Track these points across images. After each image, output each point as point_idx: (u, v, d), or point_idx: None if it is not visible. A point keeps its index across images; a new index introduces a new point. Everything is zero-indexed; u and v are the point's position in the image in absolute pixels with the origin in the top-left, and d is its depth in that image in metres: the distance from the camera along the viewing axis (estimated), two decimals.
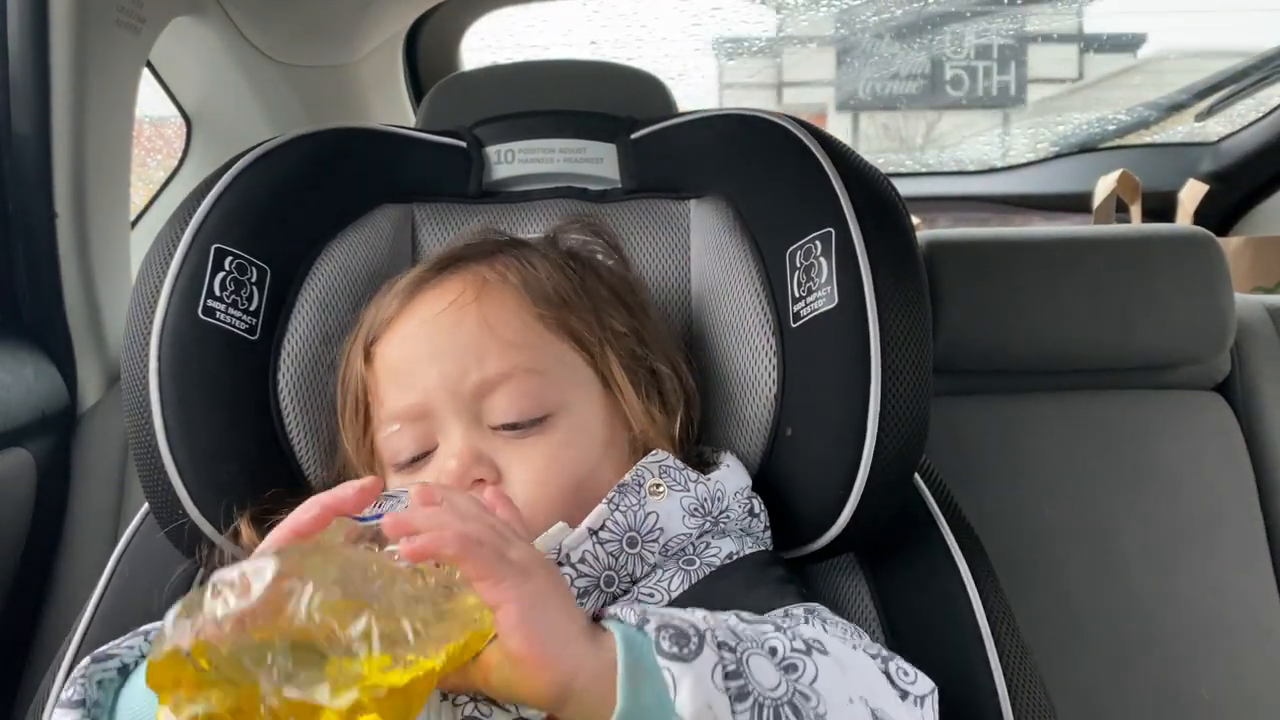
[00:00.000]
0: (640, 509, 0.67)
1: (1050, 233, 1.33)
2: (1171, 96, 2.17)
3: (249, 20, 1.51)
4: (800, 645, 0.56)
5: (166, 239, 0.79)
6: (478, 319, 0.72)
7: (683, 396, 0.77)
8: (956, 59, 2.75)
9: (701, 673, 0.51)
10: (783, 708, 0.52)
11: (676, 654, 0.51)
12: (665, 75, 1.11)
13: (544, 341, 0.73)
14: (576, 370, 0.74)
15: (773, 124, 0.84)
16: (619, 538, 0.66)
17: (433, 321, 0.73)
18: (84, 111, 1.21)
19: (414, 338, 0.73)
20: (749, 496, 0.74)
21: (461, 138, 0.92)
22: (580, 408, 0.72)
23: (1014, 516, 1.25)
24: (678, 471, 0.70)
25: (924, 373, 0.74)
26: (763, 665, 0.53)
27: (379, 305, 0.77)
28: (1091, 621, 1.23)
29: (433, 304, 0.74)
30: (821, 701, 0.53)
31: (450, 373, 0.70)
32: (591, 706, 0.51)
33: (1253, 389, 1.30)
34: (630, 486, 0.68)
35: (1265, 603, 1.24)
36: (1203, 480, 1.28)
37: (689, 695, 0.50)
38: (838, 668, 0.56)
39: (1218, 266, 1.27)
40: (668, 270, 0.88)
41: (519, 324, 0.73)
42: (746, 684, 0.52)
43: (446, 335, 0.72)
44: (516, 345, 0.72)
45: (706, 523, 0.69)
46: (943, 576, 0.78)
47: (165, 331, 0.76)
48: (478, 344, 0.71)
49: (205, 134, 1.64)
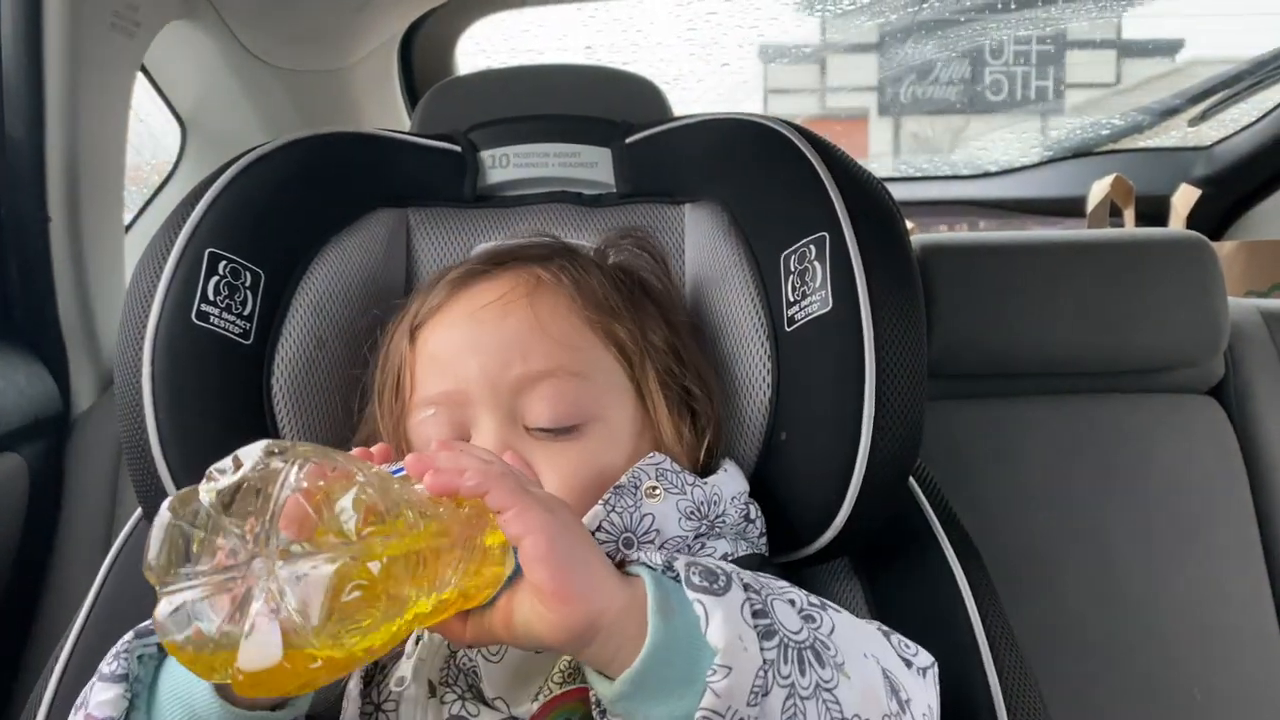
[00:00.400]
0: (636, 510, 0.67)
1: (1045, 237, 1.34)
2: (1165, 101, 2.18)
3: (244, 24, 1.51)
4: (815, 601, 0.57)
5: (160, 243, 0.79)
6: (527, 314, 0.72)
7: (712, 420, 0.77)
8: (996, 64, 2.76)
9: (732, 607, 0.52)
10: (805, 651, 0.53)
11: (706, 588, 0.52)
12: (660, 80, 1.11)
13: (589, 345, 0.73)
14: (615, 379, 0.74)
15: (767, 128, 0.84)
16: (615, 539, 0.66)
17: (481, 312, 0.72)
18: (78, 115, 1.21)
19: (459, 325, 0.73)
20: (746, 502, 0.74)
21: (456, 142, 0.92)
22: (614, 418, 0.72)
23: (1009, 519, 1.26)
24: (675, 475, 0.70)
25: (919, 376, 0.74)
26: (785, 610, 0.54)
27: (427, 292, 0.77)
28: (1086, 623, 1.24)
29: (483, 295, 0.74)
30: (839, 652, 0.54)
31: (492, 364, 0.70)
32: (616, 645, 0.51)
33: (1246, 392, 1.31)
34: (626, 488, 0.68)
35: (1259, 605, 1.25)
36: (1197, 483, 1.28)
37: (721, 626, 0.50)
38: (850, 625, 0.58)
39: (1211, 270, 1.27)
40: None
41: (567, 325, 0.73)
42: (773, 624, 0.53)
43: (493, 326, 0.72)
44: (562, 345, 0.71)
45: (703, 526, 0.69)
46: (938, 580, 0.78)
47: (159, 336, 0.76)
48: (524, 339, 0.71)
49: (199, 138, 1.64)
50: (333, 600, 0.42)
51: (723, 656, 0.50)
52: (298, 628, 0.42)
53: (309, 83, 1.66)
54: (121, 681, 0.58)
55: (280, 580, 0.42)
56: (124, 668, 0.59)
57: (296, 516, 0.43)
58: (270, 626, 0.42)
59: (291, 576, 0.42)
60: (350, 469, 0.45)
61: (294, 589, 0.42)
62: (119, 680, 0.58)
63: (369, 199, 0.88)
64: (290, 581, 0.42)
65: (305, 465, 0.44)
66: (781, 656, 0.52)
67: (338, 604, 0.42)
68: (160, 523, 0.45)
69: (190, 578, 0.44)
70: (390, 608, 0.44)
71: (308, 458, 0.45)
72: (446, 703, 0.62)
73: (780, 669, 0.51)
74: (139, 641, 0.60)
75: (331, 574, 0.42)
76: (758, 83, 2.79)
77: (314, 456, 0.45)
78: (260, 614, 0.42)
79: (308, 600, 0.42)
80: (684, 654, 0.51)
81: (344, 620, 0.42)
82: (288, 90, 1.64)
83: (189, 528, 0.44)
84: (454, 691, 0.63)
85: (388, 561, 0.43)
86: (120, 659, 0.59)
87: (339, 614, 0.42)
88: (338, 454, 0.47)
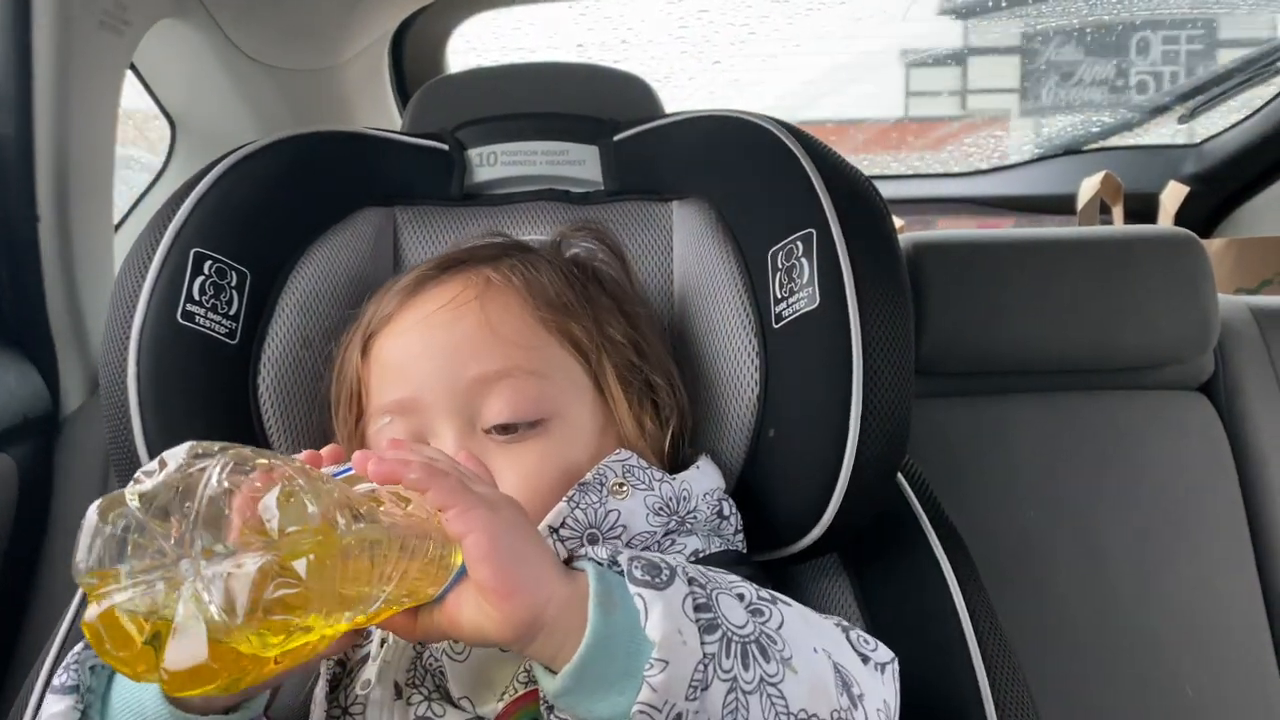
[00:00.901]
0: (601, 506, 0.67)
1: (1036, 234, 1.34)
2: (1155, 99, 2.18)
3: (234, 22, 1.50)
4: (766, 595, 0.57)
5: (145, 243, 0.79)
6: (478, 317, 0.71)
7: (675, 410, 0.77)
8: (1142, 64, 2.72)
9: (672, 601, 0.51)
10: (750, 645, 0.52)
11: (648, 582, 0.52)
12: (652, 78, 1.11)
13: (543, 344, 0.73)
14: (573, 376, 0.73)
15: (754, 125, 0.84)
16: (579, 535, 0.66)
17: (432, 317, 0.72)
18: (67, 114, 1.20)
19: (410, 333, 0.73)
20: (719, 498, 0.73)
21: (443, 140, 0.92)
22: (574, 415, 0.72)
23: (999, 517, 1.26)
24: (642, 471, 0.70)
25: (905, 372, 0.74)
26: (731, 604, 0.54)
27: (379, 301, 0.77)
28: (1076, 621, 1.24)
29: (433, 301, 0.73)
30: (787, 646, 0.54)
31: (446, 368, 0.70)
32: (560, 638, 0.51)
33: (1236, 389, 1.31)
34: (591, 485, 0.68)
35: (1249, 602, 1.25)
36: (1187, 480, 1.28)
37: (660, 620, 0.50)
38: (802, 619, 0.57)
39: (1201, 267, 1.27)
40: (650, 272, 0.88)
41: (519, 325, 0.72)
42: (716, 617, 0.52)
43: (444, 331, 0.71)
44: (516, 345, 0.71)
45: (672, 522, 0.69)
46: (926, 577, 0.78)
47: (144, 336, 0.76)
48: (475, 341, 0.70)
49: (190, 137, 1.64)
50: (255, 598, 0.42)
51: (660, 650, 0.50)
52: (222, 627, 0.42)
53: (300, 81, 1.66)
54: (72, 693, 0.58)
55: (205, 580, 0.42)
56: (74, 679, 0.58)
57: (217, 515, 0.43)
58: (196, 626, 0.42)
59: (215, 576, 0.42)
60: (279, 469, 0.45)
61: (218, 589, 0.42)
62: (69, 692, 0.58)
63: (356, 198, 0.88)
64: (214, 581, 0.42)
65: (228, 466, 0.44)
66: (724, 650, 0.51)
67: (261, 602, 0.42)
68: (87, 526, 0.45)
69: (118, 580, 0.44)
70: (321, 606, 0.44)
71: (231, 458, 0.45)
72: (413, 704, 0.62)
73: (722, 663, 0.51)
74: (89, 652, 0.59)
75: (253, 573, 0.42)
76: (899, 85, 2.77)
77: (238, 458, 0.45)
78: (186, 615, 0.42)
79: (231, 599, 0.42)
80: (624, 648, 0.50)
81: (270, 619, 0.42)
82: (278, 89, 1.64)
83: (116, 531, 0.44)
84: (420, 693, 0.63)
85: (314, 560, 0.43)
86: (70, 670, 0.59)
87: (264, 612, 0.42)
88: (268, 454, 0.46)
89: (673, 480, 0.71)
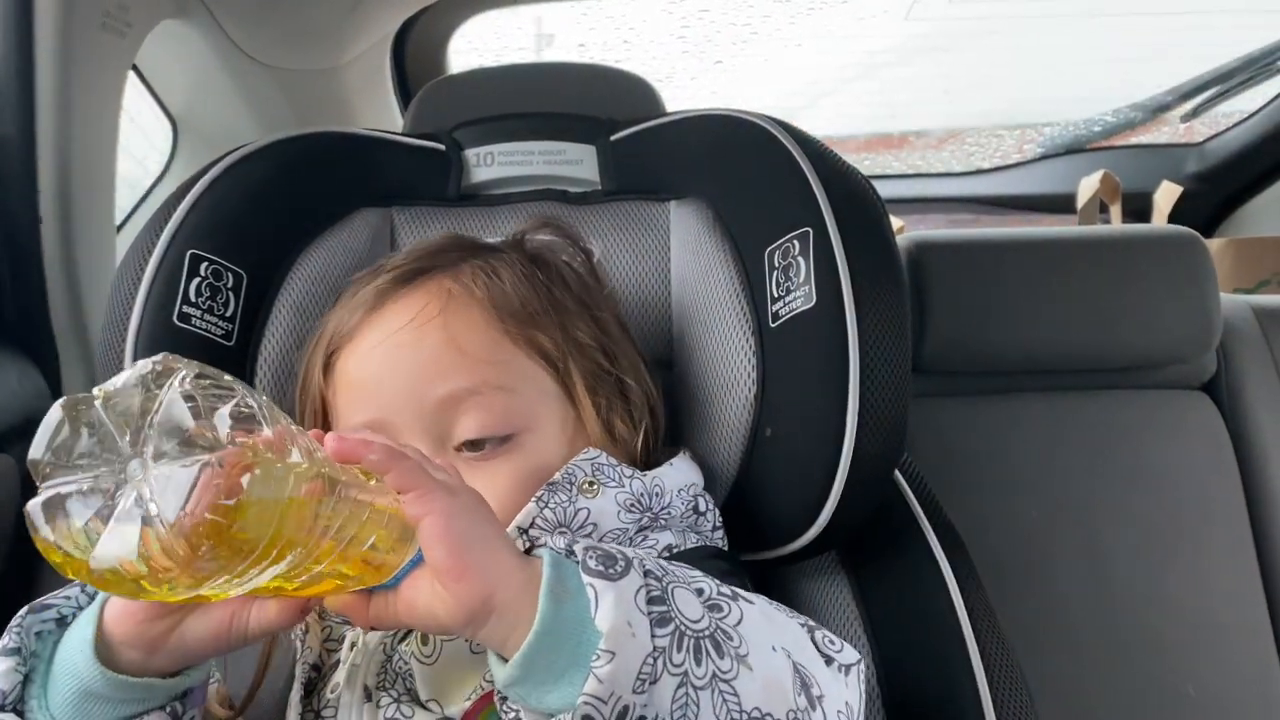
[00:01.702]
0: (570, 505, 0.66)
1: (1037, 233, 1.34)
2: (1157, 98, 2.17)
3: (236, 23, 1.51)
4: (727, 592, 0.56)
5: (142, 244, 0.79)
6: (442, 334, 0.70)
7: (647, 410, 0.77)
8: None
9: (624, 592, 0.51)
10: (703, 640, 0.52)
11: (602, 572, 0.51)
12: (653, 78, 1.11)
13: (510, 356, 0.71)
14: (542, 386, 0.72)
15: (751, 124, 0.84)
16: (548, 533, 0.65)
17: (395, 337, 0.70)
18: (69, 115, 1.21)
19: (374, 353, 0.71)
20: (695, 494, 0.73)
21: (441, 141, 0.93)
22: (544, 425, 0.71)
23: (1001, 516, 1.26)
24: (611, 468, 0.69)
25: (902, 371, 0.74)
26: (688, 598, 0.53)
27: (340, 315, 0.75)
28: (1078, 620, 1.24)
29: (395, 319, 0.71)
30: (744, 643, 0.53)
31: (413, 389, 0.68)
32: (511, 624, 0.50)
33: (1238, 388, 1.31)
34: (560, 484, 0.67)
35: (1251, 600, 1.25)
36: (1189, 479, 1.28)
37: (610, 610, 0.50)
38: (763, 617, 0.56)
39: (1203, 266, 1.27)
40: (648, 272, 0.88)
41: (485, 340, 0.71)
42: (669, 610, 0.52)
43: (409, 351, 0.70)
44: (483, 361, 0.70)
45: (645, 518, 0.69)
46: (924, 576, 0.78)
47: (140, 338, 0.76)
48: (441, 360, 0.69)
49: (192, 138, 1.64)
50: (196, 501, 0.41)
51: (607, 641, 0.49)
52: (158, 527, 0.41)
53: (301, 82, 1.66)
54: (14, 655, 0.57)
55: (150, 480, 0.42)
56: (16, 641, 0.57)
57: (174, 420, 0.43)
58: (131, 524, 0.42)
59: (160, 477, 0.42)
60: (242, 389, 0.45)
61: (158, 488, 0.41)
62: (10, 654, 0.57)
63: (352, 199, 0.88)
64: (158, 480, 0.42)
65: (194, 375, 0.44)
66: (675, 644, 0.51)
67: (200, 507, 0.41)
68: (49, 419, 0.44)
69: (70, 472, 0.44)
70: (256, 530, 0.43)
71: (198, 369, 0.44)
72: (382, 706, 0.62)
73: (672, 657, 0.50)
74: (35, 617, 0.58)
75: (195, 472, 0.41)
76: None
77: (206, 371, 0.45)
78: (125, 510, 0.42)
79: (167, 497, 0.41)
80: (572, 637, 0.50)
81: (205, 524, 0.41)
82: (280, 89, 1.64)
83: (78, 426, 0.44)
84: (389, 695, 0.63)
85: (259, 475, 0.43)
86: (12, 634, 0.58)
87: (198, 519, 0.41)
88: (238, 382, 0.46)
89: (644, 476, 0.70)
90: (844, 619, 0.78)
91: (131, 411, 0.43)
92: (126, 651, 0.55)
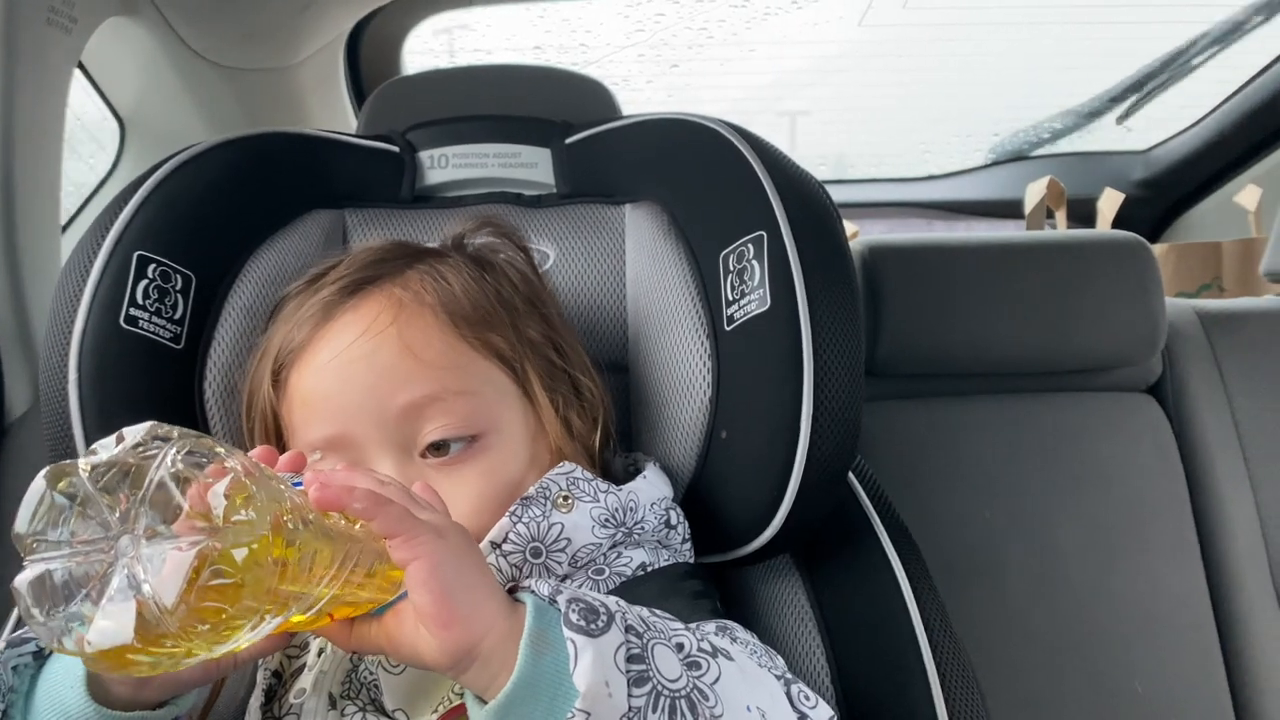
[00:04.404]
0: (544, 520, 0.66)
1: (988, 238, 1.35)
2: (1088, 103, 2.22)
3: (185, 21, 1.48)
4: (707, 647, 0.56)
5: (87, 245, 0.77)
6: (396, 344, 0.69)
7: (600, 404, 0.77)
8: None
9: (604, 650, 0.51)
10: (679, 701, 0.52)
11: (583, 628, 0.51)
12: (609, 80, 1.11)
13: (467, 360, 0.71)
14: (500, 386, 0.72)
15: (705, 128, 0.85)
16: (522, 549, 0.65)
17: (348, 351, 0.69)
18: (13, 112, 1.18)
19: (328, 368, 0.69)
20: (667, 508, 0.73)
21: (394, 143, 0.92)
22: (506, 425, 0.71)
23: (954, 517, 1.27)
24: (586, 483, 0.69)
25: (856, 373, 0.74)
26: (667, 656, 0.53)
27: (284, 330, 0.73)
28: (1029, 618, 1.25)
29: (346, 332, 0.70)
30: (720, 703, 0.53)
31: (372, 401, 0.67)
32: (493, 672, 0.51)
33: (1182, 390, 1.33)
34: (535, 499, 0.67)
35: (1195, 598, 1.27)
36: (1136, 479, 1.30)
37: (588, 669, 0.50)
38: (740, 675, 0.56)
39: (1150, 271, 1.30)
40: (603, 275, 0.88)
41: (440, 345, 0.70)
42: (648, 670, 0.52)
43: (364, 364, 0.68)
44: (441, 367, 0.69)
45: (619, 533, 0.69)
46: (878, 577, 0.79)
47: (85, 341, 0.74)
48: (398, 370, 0.68)
49: (139, 137, 1.61)
50: (190, 582, 0.41)
51: (584, 700, 0.49)
52: (152, 607, 0.41)
53: (253, 81, 1.64)
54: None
55: (143, 559, 0.42)
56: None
57: (165, 498, 0.43)
58: (126, 604, 0.41)
59: (153, 555, 0.41)
60: (234, 461, 0.45)
61: (154, 567, 0.41)
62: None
63: (304, 200, 0.87)
64: (151, 561, 0.41)
65: (184, 449, 0.44)
66: (650, 704, 0.51)
67: (195, 587, 0.41)
68: (33, 491, 0.44)
69: (56, 548, 0.43)
70: (253, 600, 0.43)
71: (189, 444, 0.44)
72: (346, 715, 0.62)
73: (646, 717, 0.51)
74: (12, 651, 0.58)
75: (191, 556, 0.41)
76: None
77: (196, 445, 0.44)
78: (118, 590, 0.42)
79: (165, 580, 0.41)
80: (548, 692, 0.50)
81: (201, 604, 0.42)
82: (231, 89, 1.62)
83: (62, 499, 0.44)
84: (355, 704, 0.62)
85: (253, 553, 0.43)
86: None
87: (196, 597, 0.41)
88: (226, 446, 0.46)
89: (619, 491, 0.70)
90: (798, 620, 0.79)
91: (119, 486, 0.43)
92: (116, 686, 0.54)
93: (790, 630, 0.78)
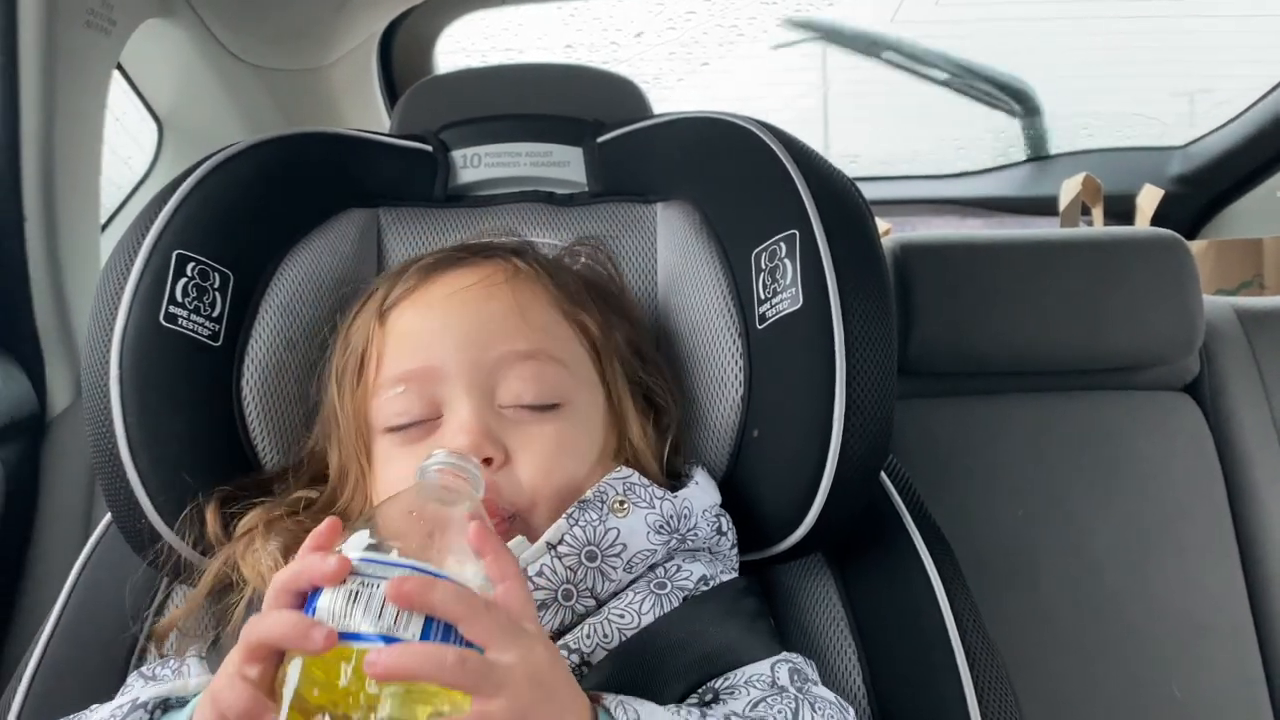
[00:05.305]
0: (600, 524, 0.67)
1: (1022, 235, 1.34)
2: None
3: (222, 23, 1.50)
4: None
5: (128, 245, 0.79)
6: (509, 299, 0.73)
7: (675, 419, 0.78)
8: None
9: None
10: None
11: None
12: (640, 79, 1.11)
13: (565, 335, 0.75)
14: (587, 370, 0.75)
15: (738, 127, 0.84)
16: (577, 551, 0.66)
17: (462, 293, 0.73)
18: (53, 114, 1.20)
19: (437, 306, 0.74)
20: (717, 515, 0.74)
21: (427, 142, 0.93)
22: (585, 406, 0.73)
23: (987, 517, 1.26)
24: (643, 488, 0.70)
25: (888, 372, 0.74)
26: None
27: (396, 278, 0.77)
28: (1063, 620, 1.24)
29: (462, 279, 0.75)
30: None
31: (473, 343, 0.71)
32: None
33: (1221, 389, 1.32)
34: (592, 503, 0.68)
35: (1234, 600, 1.25)
36: (1172, 480, 1.28)
37: None
38: None
39: (1187, 269, 1.28)
40: (634, 274, 0.88)
41: (546, 314, 0.74)
42: None
43: (475, 308, 0.72)
44: (543, 331, 0.73)
45: (673, 540, 0.69)
46: (910, 576, 0.78)
47: (126, 338, 0.76)
48: (506, 322, 0.72)
49: (177, 137, 1.64)
50: None
51: None
52: None
53: (288, 82, 1.66)
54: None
55: None
56: None
57: None
58: None
59: None
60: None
61: None
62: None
63: (339, 199, 0.88)
64: None
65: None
66: None
67: None
68: None
69: None
70: None
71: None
72: None
73: None
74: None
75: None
76: None
77: None
78: None
79: None
80: None
81: None
82: (266, 89, 1.64)
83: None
84: None
85: None
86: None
87: None
88: None
89: (674, 498, 0.71)
90: (830, 620, 0.78)
91: None
92: None
93: (822, 629, 0.78)
